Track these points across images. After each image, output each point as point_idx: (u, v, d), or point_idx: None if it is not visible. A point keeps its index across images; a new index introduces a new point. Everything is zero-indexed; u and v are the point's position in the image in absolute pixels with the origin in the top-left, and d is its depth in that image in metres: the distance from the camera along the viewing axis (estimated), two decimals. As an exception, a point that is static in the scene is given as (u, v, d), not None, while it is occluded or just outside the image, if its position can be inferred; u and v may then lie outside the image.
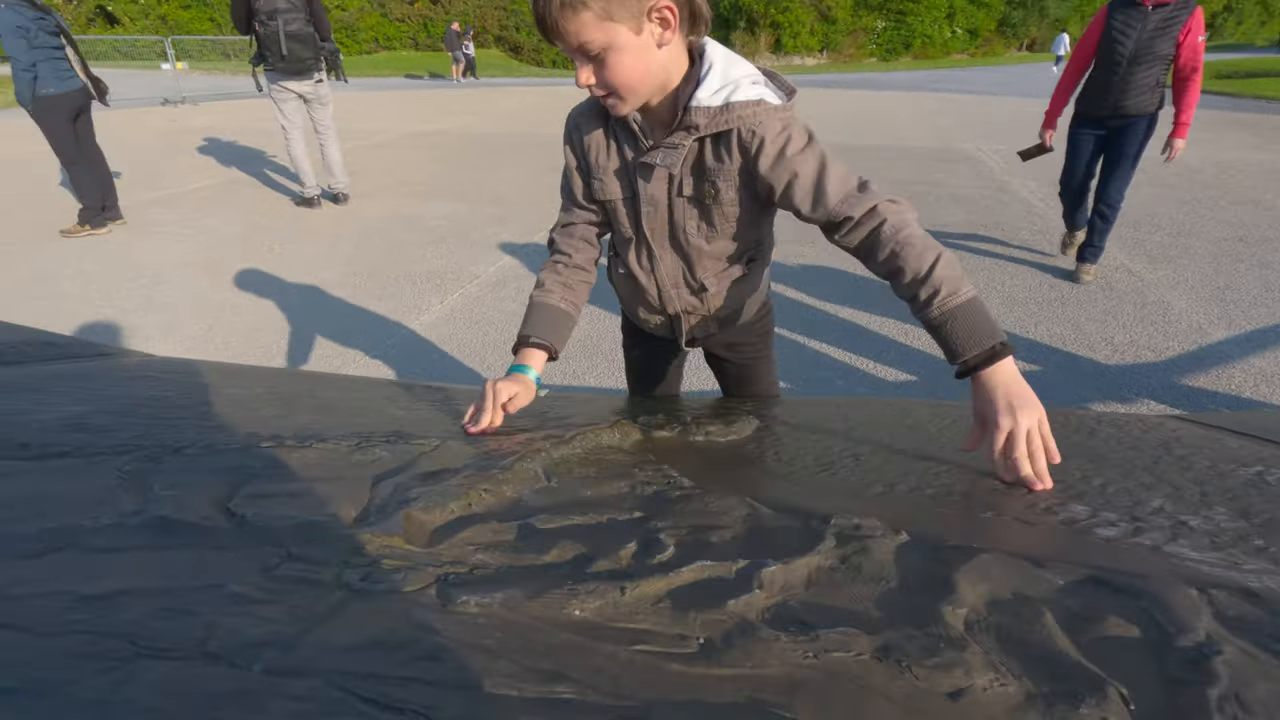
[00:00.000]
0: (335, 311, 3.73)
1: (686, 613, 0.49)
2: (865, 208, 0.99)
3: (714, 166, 1.05)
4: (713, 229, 1.13)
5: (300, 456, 0.82)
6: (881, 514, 0.70)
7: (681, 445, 1.01)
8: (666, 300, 1.25)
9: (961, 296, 0.94)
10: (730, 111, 0.99)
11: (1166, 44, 3.45)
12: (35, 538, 0.56)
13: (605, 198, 1.16)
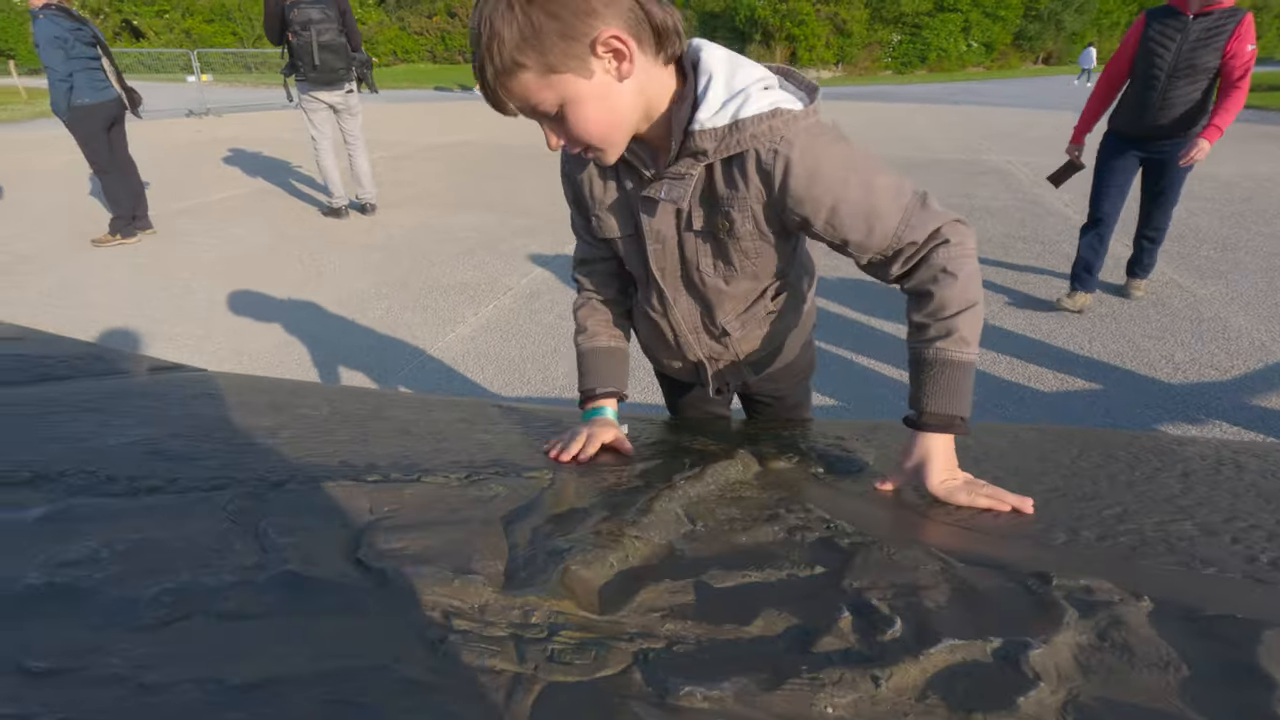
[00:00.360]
0: (369, 323, 3.67)
1: (970, 714, 0.40)
2: (932, 227, 0.84)
3: (727, 195, 0.88)
4: (731, 267, 0.97)
5: (413, 493, 0.74)
6: (1095, 570, 0.61)
7: (809, 479, 0.92)
8: (685, 347, 1.11)
9: (966, 355, 0.87)
10: (742, 130, 0.81)
11: (1210, 56, 3.10)
12: (156, 602, 0.48)
13: (605, 236, 1.02)
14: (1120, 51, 3.41)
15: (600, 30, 0.74)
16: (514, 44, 0.73)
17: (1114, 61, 3.46)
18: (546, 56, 0.74)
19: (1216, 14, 3.08)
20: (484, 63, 0.75)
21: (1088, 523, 0.77)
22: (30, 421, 1.00)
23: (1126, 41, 3.38)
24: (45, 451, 0.80)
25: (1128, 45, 3.37)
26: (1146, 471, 1.00)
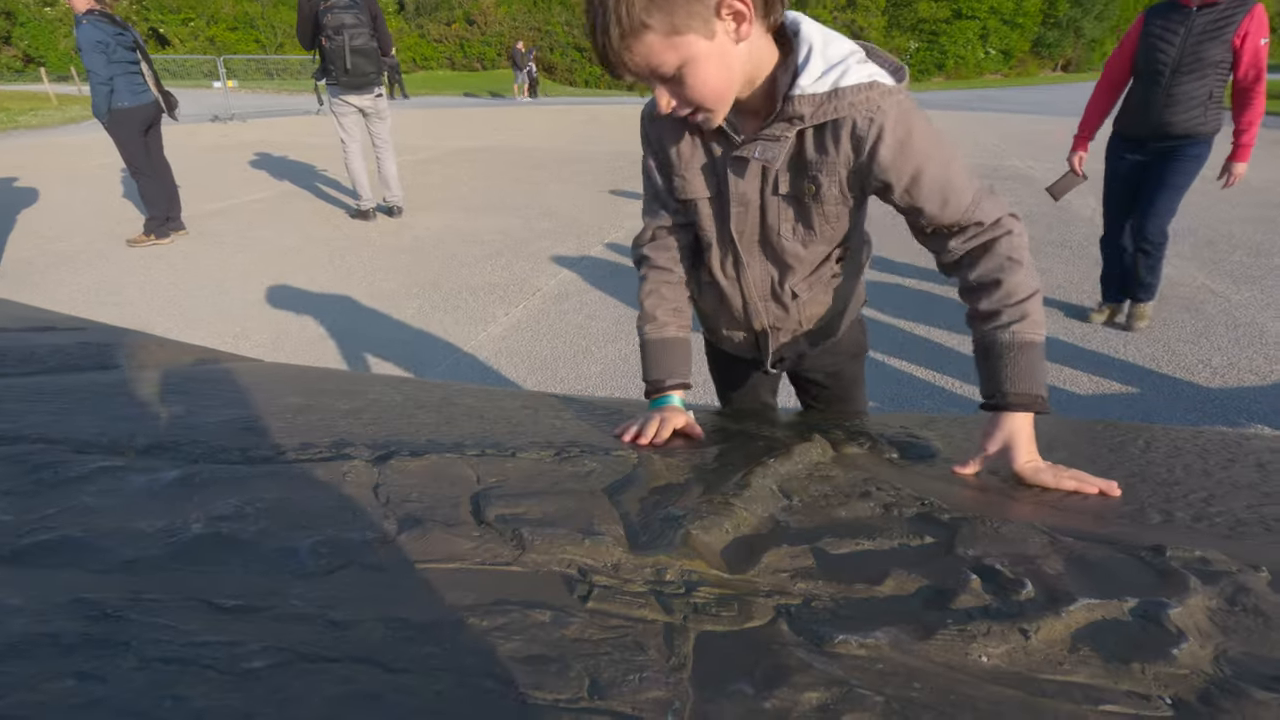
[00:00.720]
0: (401, 322, 3.72)
1: (1129, 664, 0.41)
2: (996, 214, 0.91)
3: (816, 160, 0.92)
4: (810, 231, 1.00)
5: (513, 466, 0.76)
6: (1203, 545, 0.62)
7: (885, 463, 0.93)
8: (753, 313, 1.14)
9: (1038, 336, 0.91)
10: (840, 98, 0.85)
11: (1218, 49, 2.83)
12: (314, 553, 0.50)
13: (687, 196, 1.04)
14: (1120, 49, 3.21)
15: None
16: (642, 6, 0.75)
17: (1114, 60, 3.26)
18: (673, 17, 0.77)
19: (1223, 4, 2.82)
20: (608, 25, 0.77)
21: (1178, 505, 0.78)
22: (119, 402, 1.03)
23: (1127, 39, 3.18)
24: (151, 426, 0.83)
25: (1128, 43, 3.16)
26: (1220, 462, 1.00)
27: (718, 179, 1.00)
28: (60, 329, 1.74)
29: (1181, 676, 0.40)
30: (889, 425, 1.19)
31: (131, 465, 0.65)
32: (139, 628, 0.37)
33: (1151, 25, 3.03)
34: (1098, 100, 3.34)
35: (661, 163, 1.06)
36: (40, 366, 1.30)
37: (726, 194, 1.00)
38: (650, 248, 1.13)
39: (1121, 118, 3.27)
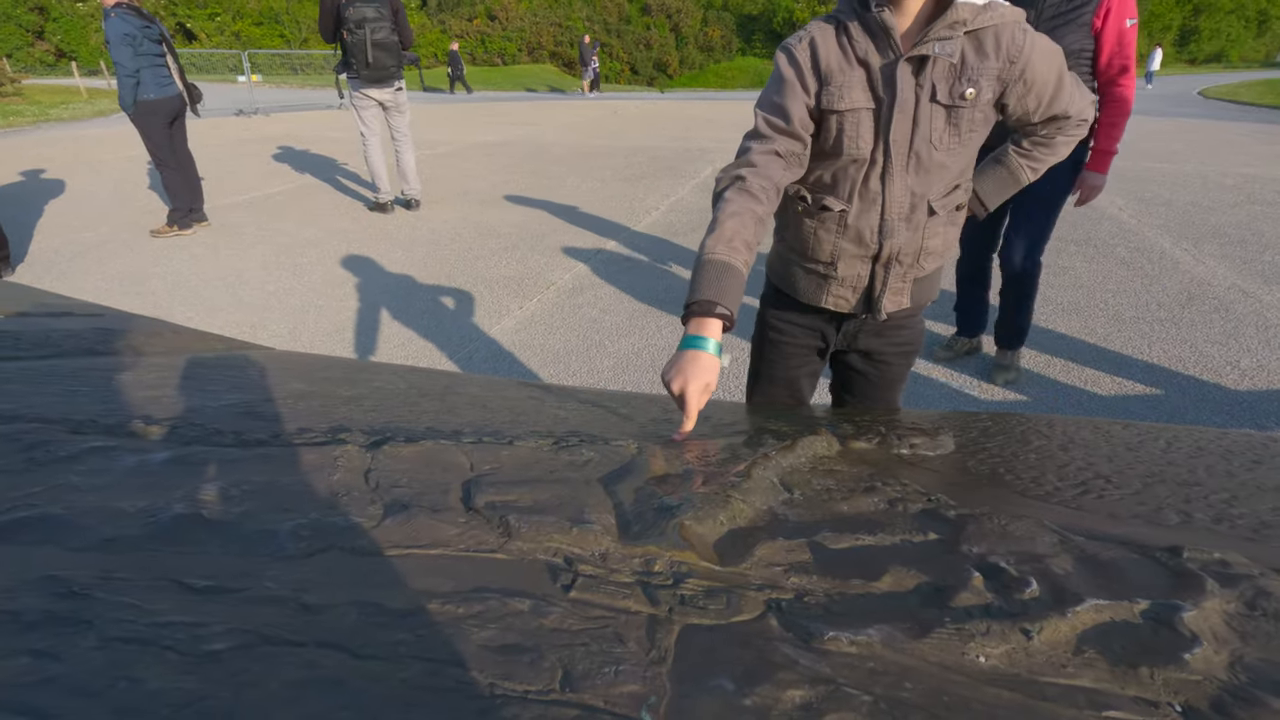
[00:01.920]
0: (416, 314, 3.73)
1: (1137, 668, 0.39)
2: (1089, 112, 1.17)
3: (976, 65, 1.03)
4: (957, 137, 1.09)
5: (508, 454, 0.74)
6: (1223, 547, 0.59)
7: (894, 459, 0.91)
8: (886, 233, 1.14)
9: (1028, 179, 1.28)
10: (993, 9, 1.01)
11: (1076, 36, 2.21)
12: (294, 535, 0.49)
13: (845, 107, 1.07)
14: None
15: None
16: None
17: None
18: None
19: None
20: None
21: (1197, 506, 0.75)
22: (128, 386, 1.03)
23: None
24: (151, 409, 0.83)
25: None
26: (1244, 463, 0.96)
27: (878, 88, 1.06)
28: (78, 315, 1.76)
29: (1193, 682, 0.38)
30: (900, 421, 1.17)
31: (123, 446, 0.64)
32: (104, 606, 0.36)
33: None
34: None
35: (813, 77, 1.08)
36: (54, 350, 1.31)
37: (891, 101, 1.05)
38: (749, 170, 1.09)
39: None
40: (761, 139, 1.11)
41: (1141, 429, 1.20)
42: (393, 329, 3.53)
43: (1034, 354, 3.18)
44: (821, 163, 1.14)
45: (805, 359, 1.38)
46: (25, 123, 13.08)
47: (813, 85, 1.09)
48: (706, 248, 1.05)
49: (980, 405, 2.77)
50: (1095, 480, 0.85)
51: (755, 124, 1.13)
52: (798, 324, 1.33)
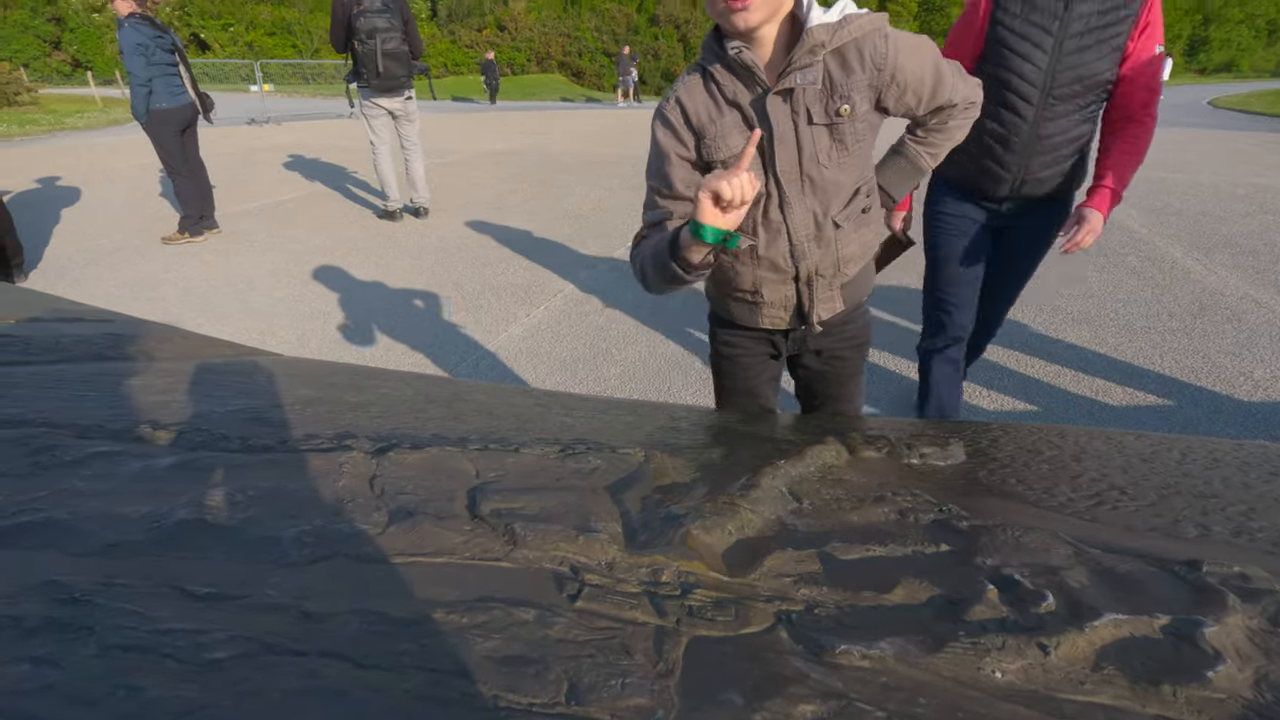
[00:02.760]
0: (424, 320, 3.74)
1: (1158, 686, 0.38)
2: (974, 95, 1.18)
3: (843, 81, 1.04)
4: (845, 151, 1.09)
5: (514, 461, 0.74)
6: (1243, 560, 0.57)
7: (905, 469, 0.90)
8: (799, 256, 1.16)
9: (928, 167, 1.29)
10: (849, 23, 1.01)
11: (1103, 62, 1.73)
12: (298, 542, 0.48)
13: (726, 155, 1.09)
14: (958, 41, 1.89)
15: None
16: None
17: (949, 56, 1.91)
18: None
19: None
20: None
21: (1215, 519, 0.73)
22: (136, 390, 1.03)
23: (966, 28, 1.85)
24: (159, 414, 0.83)
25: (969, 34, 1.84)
26: (1261, 475, 0.95)
27: (755, 125, 1.07)
28: (89, 320, 1.77)
29: (1217, 701, 0.37)
30: (910, 430, 1.15)
31: (128, 451, 0.64)
32: (105, 613, 0.36)
33: (1004, 13, 1.77)
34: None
35: (687, 138, 1.12)
36: (64, 355, 1.32)
37: (770, 135, 1.06)
38: (650, 231, 1.18)
39: (958, 163, 1.90)
40: (654, 209, 1.18)
41: (1155, 440, 1.19)
42: (400, 335, 3.54)
43: (1044, 364, 3.16)
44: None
45: (761, 368, 1.40)
46: (41, 131, 13.26)
47: (690, 142, 1.11)
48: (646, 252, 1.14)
49: (990, 415, 2.74)
50: (1110, 492, 0.84)
51: (646, 194, 1.19)
52: (746, 339, 1.35)
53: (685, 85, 1.12)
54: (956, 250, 2.07)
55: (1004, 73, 1.78)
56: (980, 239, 2.06)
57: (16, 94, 16.97)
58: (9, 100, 16.45)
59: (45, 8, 33.88)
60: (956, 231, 2.07)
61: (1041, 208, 1.98)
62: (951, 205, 2.06)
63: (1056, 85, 1.76)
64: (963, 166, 1.95)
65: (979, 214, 2.03)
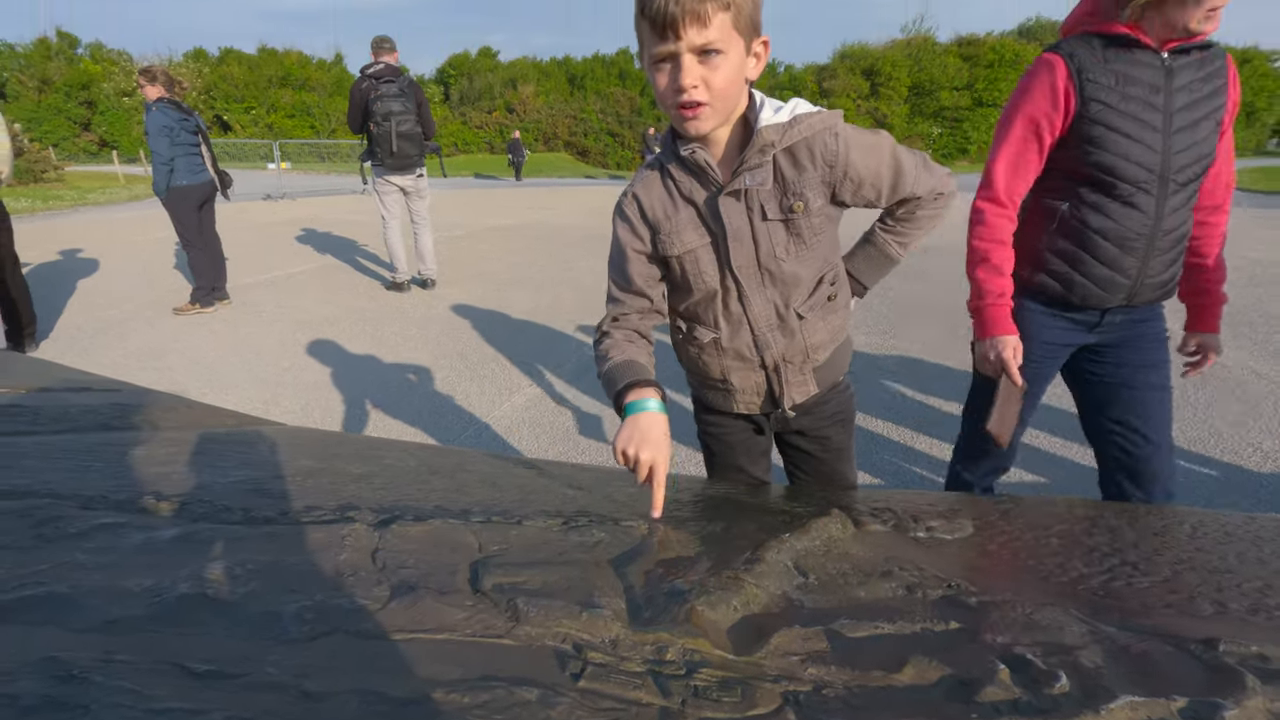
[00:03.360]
0: (428, 391, 3.76)
1: (1179, 772, 0.37)
2: (938, 186, 1.16)
3: (796, 178, 1.05)
4: (802, 244, 1.10)
5: (517, 534, 0.73)
6: (1261, 640, 0.56)
7: (911, 543, 0.89)
8: (763, 346, 1.17)
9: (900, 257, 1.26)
10: (800, 123, 1.03)
11: (1212, 138, 1.45)
12: (298, 618, 0.48)
13: (681, 250, 1.12)
14: (1018, 123, 1.50)
15: (766, 36, 1.02)
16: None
17: (1010, 142, 1.52)
18: (741, 20, 0.95)
19: (1195, 50, 1.42)
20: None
21: (1231, 596, 0.72)
22: (140, 461, 1.04)
23: (1039, 112, 1.47)
24: (162, 485, 0.83)
25: (1043, 119, 1.47)
26: (1276, 549, 0.93)
27: (709, 223, 1.10)
28: (96, 390, 1.78)
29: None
30: (916, 502, 1.14)
31: (131, 523, 0.64)
32: (103, 691, 0.35)
33: (1096, 78, 1.42)
34: (1001, 232, 1.56)
35: (643, 234, 1.14)
36: (70, 425, 1.33)
37: (722, 232, 1.08)
38: (614, 326, 1.20)
39: (1050, 269, 1.55)
40: (615, 302, 1.20)
41: (1166, 513, 1.17)
42: (405, 405, 3.55)
43: (1049, 437, 3.14)
44: (682, 296, 1.19)
45: (749, 445, 1.39)
46: (64, 206, 13.72)
47: (646, 237, 1.14)
48: (604, 366, 1.14)
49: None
50: (1122, 567, 0.83)
51: (607, 287, 1.22)
52: (728, 421, 1.35)
53: (643, 181, 1.14)
54: (1034, 378, 1.66)
55: (1109, 158, 1.42)
56: (1058, 362, 1.69)
57: (44, 171, 17.66)
58: (36, 177, 17.10)
59: (79, 92, 35.68)
60: (1039, 355, 1.63)
61: (1146, 313, 1.59)
62: (1034, 322, 1.61)
63: (1174, 169, 1.43)
64: (1056, 273, 1.54)
65: (1068, 331, 1.61)
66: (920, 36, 38.92)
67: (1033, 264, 1.58)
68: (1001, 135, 1.54)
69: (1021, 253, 1.59)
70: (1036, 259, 1.58)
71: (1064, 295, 1.56)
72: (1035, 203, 1.59)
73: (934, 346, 4.38)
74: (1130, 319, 1.59)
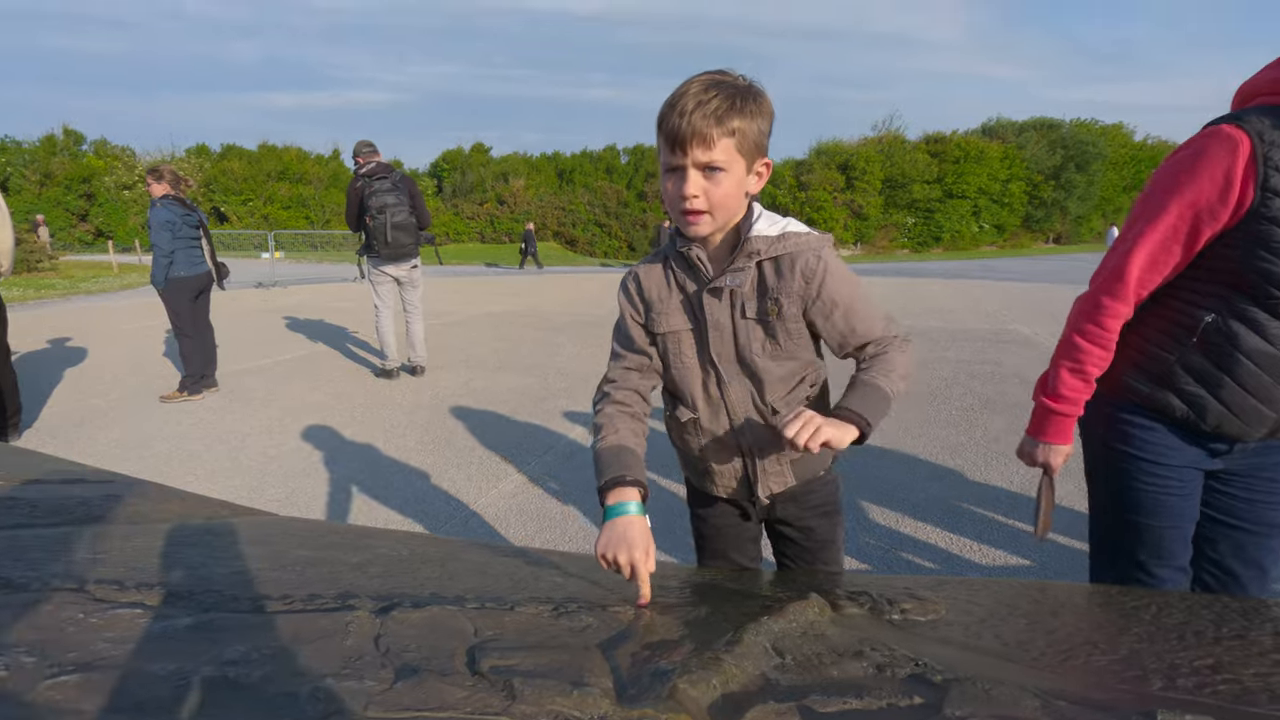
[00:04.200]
0: (415, 478, 3.76)
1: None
2: (895, 333, 1.19)
3: (775, 285, 1.16)
4: (777, 345, 1.19)
5: (510, 620, 0.77)
6: (1199, 711, 0.61)
7: (885, 625, 0.93)
8: (739, 433, 1.25)
9: (892, 391, 1.15)
10: (788, 239, 1.14)
11: None
12: (312, 699, 0.52)
13: (668, 329, 1.24)
14: (1172, 210, 1.19)
15: (769, 159, 1.15)
16: (747, 118, 1.06)
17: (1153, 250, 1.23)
18: (745, 143, 1.07)
19: None
20: (729, 109, 1.05)
21: (1182, 672, 0.77)
22: (143, 553, 1.07)
23: (1199, 190, 1.16)
24: (169, 576, 0.86)
25: (1200, 200, 1.16)
26: (1235, 629, 0.98)
27: (694, 311, 1.22)
28: (90, 481, 1.81)
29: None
30: (893, 586, 1.19)
31: (148, 613, 0.68)
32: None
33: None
34: (1107, 336, 1.33)
35: (641, 308, 1.27)
36: (68, 518, 1.35)
37: (704, 321, 1.20)
38: (611, 386, 1.28)
39: (1172, 386, 1.29)
40: (617, 358, 1.32)
41: (1136, 594, 1.22)
42: (392, 493, 3.54)
43: (1031, 518, 3.18)
44: (669, 373, 1.29)
45: (737, 531, 1.44)
46: (56, 295, 13.84)
47: (641, 311, 1.27)
48: (597, 443, 1.21)
49: (978, 570, 2.72)
50: (1083, 645, 0.87)
51: (612, 345, 1.34)
52: (717, 506, 1.40)
53: (646, 265, 1.28)
54: (1174, 513, 1.35)
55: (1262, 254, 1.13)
56: (1199, 490, 1.37)
57: (39, 261, 17.90)
58: (30, 267, 17.32)
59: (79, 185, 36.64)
60: (1173, 489, 1.34)
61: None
62: (1162, 450, 1.33)
63: None
64: (1188, 395, 1.27)
65: (1199, 456, 1.33)
66: (891, 134, 41.33)
67: (1156, 378, 1.29)
68: (1147, 220, 1.21)
69: (1140, 361, 1.31)
70: (1163, 374, 1.28)
71: (1193, 421, 1.27)
72: (1168, 304, 1.27)
73: (913, 430, 4.47)
74: (1268, 444, 1.30)
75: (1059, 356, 1.40)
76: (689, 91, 1.05)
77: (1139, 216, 1.26)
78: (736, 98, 1.05)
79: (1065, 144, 40.48)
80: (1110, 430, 1.40)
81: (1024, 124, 42.38)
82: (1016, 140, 40.78)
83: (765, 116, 1.10)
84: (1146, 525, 1.38)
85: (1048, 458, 1.45)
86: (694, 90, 1.05)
